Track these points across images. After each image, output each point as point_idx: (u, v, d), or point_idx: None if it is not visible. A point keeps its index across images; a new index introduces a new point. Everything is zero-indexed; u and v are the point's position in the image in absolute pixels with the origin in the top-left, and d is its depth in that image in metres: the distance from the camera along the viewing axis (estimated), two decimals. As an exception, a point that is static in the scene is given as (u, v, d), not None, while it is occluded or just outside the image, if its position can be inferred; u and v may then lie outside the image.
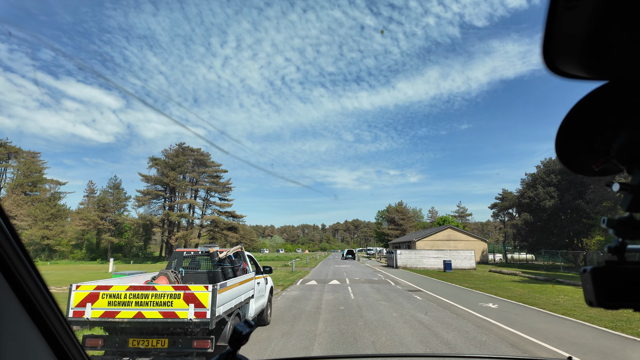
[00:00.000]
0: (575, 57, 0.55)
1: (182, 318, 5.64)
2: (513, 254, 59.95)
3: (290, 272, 31.99)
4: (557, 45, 0.55)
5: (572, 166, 0.72)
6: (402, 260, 41.41)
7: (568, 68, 0.57)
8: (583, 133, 0.67)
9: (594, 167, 0.69)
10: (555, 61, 0.57)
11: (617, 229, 0.64)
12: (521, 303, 14.59)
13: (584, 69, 0.57)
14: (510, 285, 22.32)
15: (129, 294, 5.76)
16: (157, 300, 5.72)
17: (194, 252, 9.06)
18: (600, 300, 0.62)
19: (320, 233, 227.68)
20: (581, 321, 11.09)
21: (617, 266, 0.64)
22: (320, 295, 16.63)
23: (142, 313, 5.69)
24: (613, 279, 0.63)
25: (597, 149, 0.66)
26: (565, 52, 0.55)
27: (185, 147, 72.75)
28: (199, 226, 71.29)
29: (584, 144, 0.68)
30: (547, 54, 0.56)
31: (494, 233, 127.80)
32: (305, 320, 10.77)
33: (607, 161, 0.66)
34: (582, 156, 0.69)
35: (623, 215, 0.65)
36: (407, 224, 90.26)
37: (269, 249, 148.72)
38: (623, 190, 0.64)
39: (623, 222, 0.64)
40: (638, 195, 0.62)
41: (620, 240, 0.66)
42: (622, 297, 0.62)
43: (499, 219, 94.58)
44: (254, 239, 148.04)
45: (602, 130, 0.65)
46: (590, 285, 0.63)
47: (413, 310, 12.59)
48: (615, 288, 0.63)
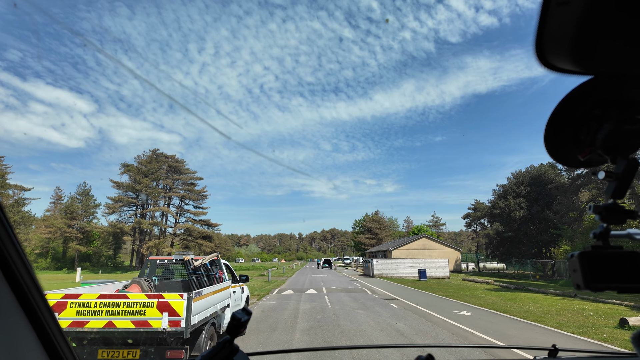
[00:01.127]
0: (564, 52, 0.58)
1: (156, 327, 5.45)
2: (485, 263, 61.42)
3: (266, 282, 31.56)
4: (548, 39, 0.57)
5: (560, 158, 0.77)
6: (378, 269, 41.66)
7: (558, 62, 0.60)
8: (570, 125, 0.71)
9: (580, 158, 0.73)
10: (547, 55, 0.60)
11: (602, 215, 0.69)
12: (494, 310, 14.93)
13: (573, 63, 0.59)
14: (483, 293, 22.82)
15: (99, 303, 5.53)
16: (129, 309, 5.51)
17: (167, 260, 8.81)
18: (587, 283, 0.66)
19: (297, 242, 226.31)
20: (551, 327, 11.44)
21: (602, 251, 0.69)
22: (297, 304, 16.46)
23: (113, 322, 5.46)
24: (598, 262, 0.67)
25: (583, 140, 0.71)
26: (556, 47, 0.58)
27: (159, 154, 71.07)
28: (172, 235, 69.43)
29: (570, 136, 0.72)
30: (539, 48, 0.59)
31: (466, 242, 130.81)
32: (281, 330, 10.62)
33: (593, 152, 0.70)
34: (569, 147, 0.74)
35: (608, 202, 0.70)
36: (383, 233, 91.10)
37: (245, 259, 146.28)
38: (608, 178, 0.69)
39: (608, 208, 0.69)
40: (621, 183, 0.67)
41: (605, 226, 0.71)
42: (607, 280, 0.66)
43: (471, 228, 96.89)
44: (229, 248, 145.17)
45: (587, 122, 0.69)
46: (578, 269, 0.68)
47: (389, 319, 12.65)
48: (600, 271, 0.67)
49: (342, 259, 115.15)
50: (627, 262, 0.68)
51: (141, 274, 8.58)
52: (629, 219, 0.70)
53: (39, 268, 63.73)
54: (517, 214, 48.31)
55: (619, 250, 0.69)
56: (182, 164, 71.90)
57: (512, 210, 49.27)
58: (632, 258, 0.68)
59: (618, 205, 0.69)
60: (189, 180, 71.98)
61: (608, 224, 0.71)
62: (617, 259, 0.68)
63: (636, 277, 0.67)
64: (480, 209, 72.35)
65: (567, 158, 0.76)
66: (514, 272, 48.82)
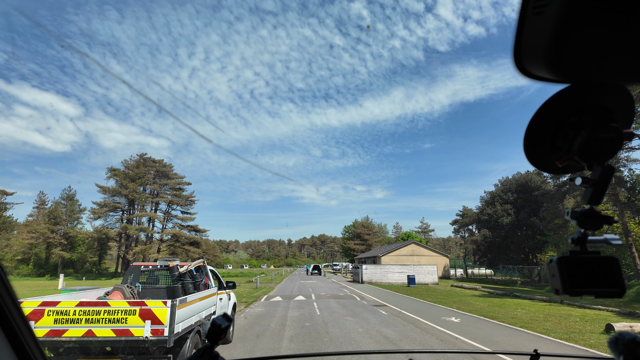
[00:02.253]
0: (541, 60, 0.59)
1: (137, 336, 5.26)
2: (473, 269, 61.87)
3: (254, 289, 31.20)
4: (525, 48, 0.59)
5: (539, 164, 0.78)
6: (367, 275, 41.58)
7: (535, 70, 0.62)
8: (547, 132, 0.73)
9: (558, 164, 0.74)
10: (525, 63, 0.62)
11: (579, 220, 0.70)
12: (482, 317, 14.95)
13: (549, 71, 0.61)
14: (471, 299, 22.89)
15: (78, 311, 5.32)
16: (110, 317, 5.31)
17: (152, 266, 8.60)
18: (565, 288, 0.67)
19: (286, 248, 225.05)
20: (538, 333, 11.48)
21: (579, 256, 0.70)
22: (285, 311, 16.25)
23: (92, 331, 5.26)
24: (576, 267, 0.69)
25: (561, 147, 0.72)
26: (533, 55, 0.59)
27: (146, 158, 70.15)
28: (159, 240, 68.36)
29: (548, 143, 0.74)
30: (517, 56, 0.61)
31: (454, 249, 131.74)
32: (269, 338, 10.43)
33: (570, 158, 0.71)
34: (547, 154, 0.75)
35: (585, 208, 0.71)
36: (372, 239, 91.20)
37: (233, 265, 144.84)
38: (585, 184, 0.70)
39: (585, 214, 0.70)
40: (597, 189, 0.69)
41: (583, 231, 0.72)
42: (584, 285, 0.68)
43: (459, 234, 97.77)
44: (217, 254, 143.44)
45: (564, 130, 0.71)
46: (557, 274, 0.69)
47: (378, 326, 12.55)
48: (578, 276, 0.68)
49: (331, 265, 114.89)
50: (604, 267, 0.69)
51: (124, 280, 8.34)
52: (605, 224, 0.70)
53: (20, 274, 62.01)
54: (505, 221, 48.88)
55: (597, 255, 0.70)
56: (169, 168, 71.08)
57: (500, 217, 49.84)
58: (608, 263, 0.69)
59: (595, 211, 0.70)
60: (177, 185, 71.12)
61: (585, 230, 0.71)
62: (594, 263, 0.69)
63: (613, 282, 0.68)
64: (468, 216, 73.05)
65: (545, 164, 0.77)
66: (501, 278, 49.26)
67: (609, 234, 0.77)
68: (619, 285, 0.68)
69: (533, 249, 47.54)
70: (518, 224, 48.58)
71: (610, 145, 0.67)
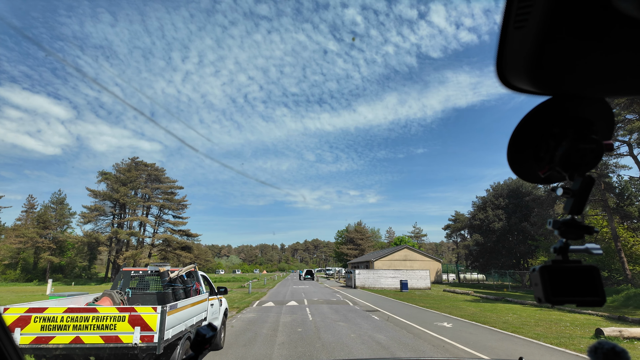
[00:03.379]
0: (523, 73, 0.61)
1: (127, 343, 5.18)
2: (465, 274, 62.13)
3: (246, 294, 30.97)
4: (507, 61, 0.61)
5: (522, 174, 0.80)
6: (360, 280, 41.52)
7: (517, 82, 0.64)
8: (530, 143, 0.74)
9: (540, 174, 0.76)
10: (507, 76, 0.64)
11: (561, 230, 0.72)
12: (474, 322, 14.99)
13: (531, 83, 0.63)
14: (463, 304, 22.96)
15: (66, 317, 5.24)
16: (99, 323, 5.24)
17: (142, 272, 8.50)
18: (547, 297, 0.69)
19: (279, 253, 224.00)
20: (529, 338, 11.54)
21: (561, 265, 0.71)
22: (277, 317, 16.15)
23: (80, 338, 5.17)
24: (558, 276, 0.70)
25: (543, 157, 0.74)
26: (515, 68, 0.61)
27: (138, 162, 69.59)
28: (150, 245, 67.68)
29: (531, 153, 0.75)
30: (500, 68, 0.63)
31: (447, 253, 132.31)
32: (261, 344, 10.34)
33: (552, 169, 0.73)
34: (530, 164, 0.77)
35: (566, 217, 0.73)
36: (365, 243, 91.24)
37: (225, 270, 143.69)
38: (566, 194, 0.72)
39: (567, 224, 0.72)
40: (578, 199, 0.71)
41: (564, 241, 0.73)
42: (566, 293, 0.69)
43: (452, 239, 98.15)
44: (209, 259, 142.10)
45: (546, 141, 0.72)
46: (539, 282, 0.70)
47: (371, 331, 12.52)
48: (560, 285, 0.69)
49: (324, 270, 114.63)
50: (585, 275, 0.70)
51: (114, 286, 8.23)
52: (586, 234, 0.72)
53: (8, 280, 60.86)
54: (496, 226, 49.23)
55: (578, 264, 0.71)
56: (162, 172, 70.58)
57: (491, 222, 50.19)
58: (589, 272, 0.70)
59: (576, 221, 0.71)
60: (169, 190, 70.62)
61: (567, 239, 0.73)
62: (576, 273, 0.70)
63: (594, 291, 0.69)
64: (460, 220, 73.44)
65: (528, 174, 0.79)
66: (493, 283, 49.49)
67: (590, 244, 0.79)
68: (599, 294, 0.69)
69: (524, 254, 47.90)
70: (509, 229, 48.96)
71: (591, 157, 0.68)
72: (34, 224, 66.62)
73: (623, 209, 33.03)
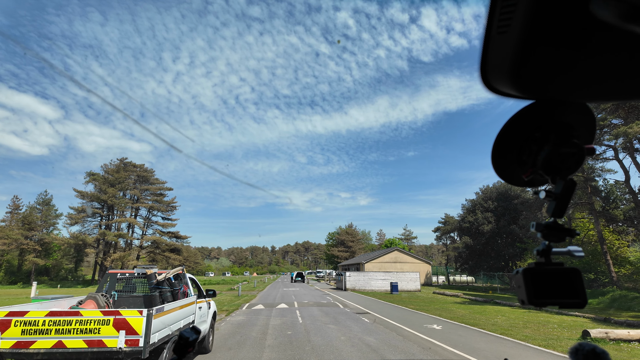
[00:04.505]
0: (505, 77, 0.62)
1: (111, 347, 5.06)
2: (455, 276, 62.57)
3: (236, 296, 30.72)
4: (490, 65, 0.62)
5: (506, 177, 0.81)
6: (351, 282, 41.52)
7: (501, 87, 0.65)
8: (513, 147, 0.76)
9: (524, 178, 0.77)
10: (490, 80, 0.65)
11: (544, 233, 0.74)
12: (463, 324, 15.06)
13: (514, 88, 0.64)
14: (452, 306, 23.08)
15: (48, 321, 5.09)
16: (82, 327, 5.10)
17: (129, 274, 8.34)
18: (530, 299, 0.69)
19: (270, 255, 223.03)
20: (518, 340, 11.62)
21: (544, 267, 0.73)
22: (267, 319, 16.02)
23: (63, 342, 5.04)
24: (541, 278, 0.71)
25: (526, 161, 0.75)
26: (498, 72, 0.62)
27: (127, 163, 68.74)
28: (139, 247, 66.81)
29: (514, 157, 0.77)
30: (484, 72, 0.64)
31: (436, 256, 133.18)
32: (249, 347, 10.23)
33: (535, 172, 0.74)
34: (513, 168, 0.78)
35: (549, 220, 0.74)
36: (356, 245, 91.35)
37: (215, 272, 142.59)
38: (548, 197, 0.73)
39: (549, 227, 0.73)
40: (560, 202, 0.72)
41: (547, 243, 0.75)
42: (549, 295, 0.70)
43: (441, 242, 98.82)
44: (199, 261, 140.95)
45: (529, 145, 0.74)
46: (522, 285, 0.71)
47: (361, 333, 12.48)
48: (542, 287, 0.70)
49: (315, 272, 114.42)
50: (567, 278, 0.72)
51: (99, 288, 8.06)
52: (568, 237, 0.74)
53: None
54: (485, 228, 49.70)
55: (560, 267, 0.72)
56: (151, 173, 69.79)
57: (481, 224, 50.65)
58: (572, 274, 0.72)
59: (558, 224, 0.73)
60: (158, 191, 69.87)
61: (549, 242, 0.74)
62: (558, 275, 0.71)
63: (575, 293, 0.70)
64: (450, 223, 73.98)
65: (512, 177, 0.80)
66: (482, 285, 49.89)
67: (572, 246, 0.79)
68: (580, 296, 0.70)
69: (513, 257, 48.42)
70: (498, 231, 49.47)
71: (572, 161, 0.70)
72: (19, 225, 65.27)
73: (609, 212, 33.61)
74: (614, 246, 32.99)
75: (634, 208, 32.76)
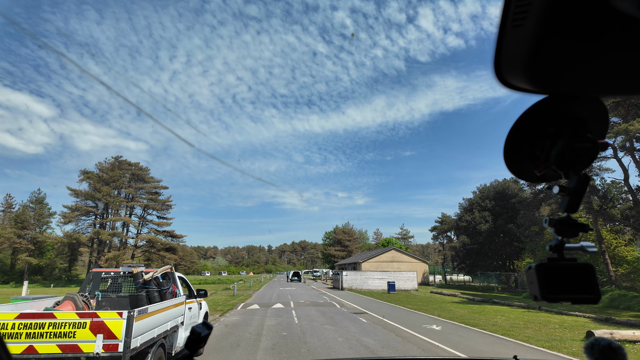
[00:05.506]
0: (520, 71, 0.61)
1: (87, 352, 4.63)
2: (452, 275, 62.37)
3: (231, 296, 30.26)
4: (505, 59, 0.62)
5: (518, 172, 0.80)
6: (347, 282, 41.14)
7: (514, 81, 0.64)
8: (526, 141, 0.75)
9: (536, 173, 0.77)
10: (504, 74, 0.64)
11: (557, 228, 0.73)
12: (463, 324, 14.71)
13: (528, 82, 0.63)
14: (451, 306, 22.75)
15: (18, 324, 4.66)
16: (56, 330, 4.67)
17: (114, 273, 7.91)
18: (543, 294, 0.69)
19: (267, 255, 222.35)
20: (520, 341, 11.27)
21: (557, 262, 0.72)
22: (262, 320, 15.61)
23: (34, 347, 4.60)
24: (554, 274, 0.71)
25: (539, 156, 0.74)
26: (512, 66, 0.62)
27: (122, 161, 67.96)
28: (133, 246, 66.11)
29: (527, 152, 0.76)
30: (497, 67, 0.63)
31: (433, 255, 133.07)
32: (243, 349, 9.81)
33: (547, 167, 0.74)
34: (526, 163, 0.77)
35: (562, 216, 0.74)
36: (353, 245, 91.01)
37: (211, 272, 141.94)
38: (561, 192, 0.73)
39: (562, 222, 0.73)
40: (574, 198, 0.71)
41: (560, 239, 0.74)
42: (562, 291, 0.70)
43: (438, 241, 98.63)
44: (195, 261, 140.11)
45: (542, 139, 0.73)
46: (535, 280, 0.71)
47: (359, 335, 12.09)
48: (555, 283, 0.70)
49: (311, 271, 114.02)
50: (580, 273, 0.71)
51: (82, 288, 7.62)
52: (581, 232, 0.73)
53: (-17, 282, 58.61)
54: (483, 227, 49.46)
55: (573, 262, 0.72)
56: (146, 172, 69.07)
57: (478, 224, 50.42)
58: (584, 270, 0.71)
59: (571, 219, 0.72)
60: (153, 189, 69.13)
61: (562, 237, 0.74)
62: (571, 270, 0.71)
63: (589, 288, 0.70)
64: (447, 222, 73.80)
65: (524, 173, 0.79)
66: (479, 285, 49.67)
67: (585, 242, 0.77)
68: (594, 292, 0.70)
69: (510, 256, 48.22)
70: (496, 230, 49.25)
71: (586, 155, 0.69)
72: (12, 224, 64.40)
73: (606, 211, 33.44)
74: (612, 245, 32.82)
75: (631, 207, 32.61)
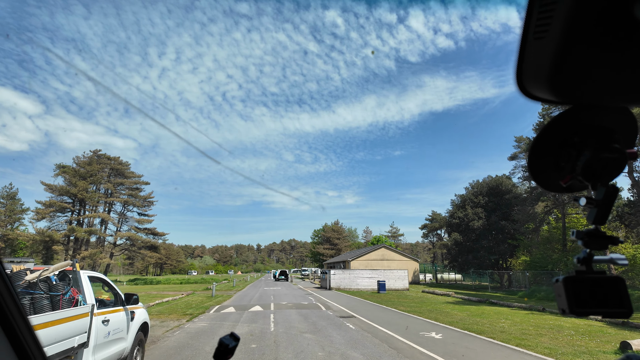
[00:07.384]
0: (543, 83, 0.61)
1: None
2: (443, 274, 60.80)
3: (208, 297, 27.89)
4: (527, 71, 0.61)
5: (542, 183, 0.78)
6: (335, 281, 39.05)
7: (537, 92, 0.63)
8: (551, 152, 0.74)
9: (562, 184, 0.75)
10: (527, 86, 0.63)
11: (584, 240, 0.72)
12: (467, 331, 12.66)
13: (551, 93, 0.62)
14: (446, 307, 20.78)
15: None
16: None
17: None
18: (572, 308, 0.67)
19: (255, 254, 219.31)
20: (541, 355, 9.21)
21: (585, 275, 0.70)
22: (232, 327, 13.37)
23: None
24: (582, 287, 0.69)
25: (564, 166, 0.72)
26: (535, 78, 0.61)
27: (101, 155, 64.73)
28: (112, 244, 63.04)
29: (552, 162, 0.74)
30: (520, 79, 0.63)
31: (422, 254, 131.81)
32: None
33: (574, 178, 0.72)
34: (550, 173, 0.75)
35: (590, 228, 0.72)
36: (342, 243, 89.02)
37: (198, 271, 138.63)
38: (589, 204, 0.71)
39: (590, 234, 0.71)
40: (602, 210, 0.69)
41: (588, 251, 0.72)
42: (591, 305, 0.68)
43: (428, 239, 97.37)
44: (182, 260, 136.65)
45: (567, 150, 0.71)
46: (563, 294, 0.69)
47: (344, 346, 9.94)
48: (584, 296, 0.68)
49: (300, 270, 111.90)
50: (610, 287, 0.69)
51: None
52: (610, 245, 0.71)
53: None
54: (476, 224, 47.79)
55: (602, 275, 0.70)
56: (126, 166, 65.96)
57: (471, 220, 48.72)
58: (614, 283, 0.69)
59: (600, 231, 0.70)
60: (134, 185, 66.07)
61: (591, 249, 0.72)
62: (600, 283, 0.69)
63: (619, 302, 0.68)
64: (437, 220, 72.38)
65: (549, 183, 0.77)
66: (471, 283, 48.05)
67: (614, 254, 0.74)
68: (625, 306, 0.67)
69: (504, 253, 46.65)
70: (489, 227, 47.60)
71: (614, 166, 0.67)
72: (-19, 221, 60.85)
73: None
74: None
75: (625, 205, 31.32)
